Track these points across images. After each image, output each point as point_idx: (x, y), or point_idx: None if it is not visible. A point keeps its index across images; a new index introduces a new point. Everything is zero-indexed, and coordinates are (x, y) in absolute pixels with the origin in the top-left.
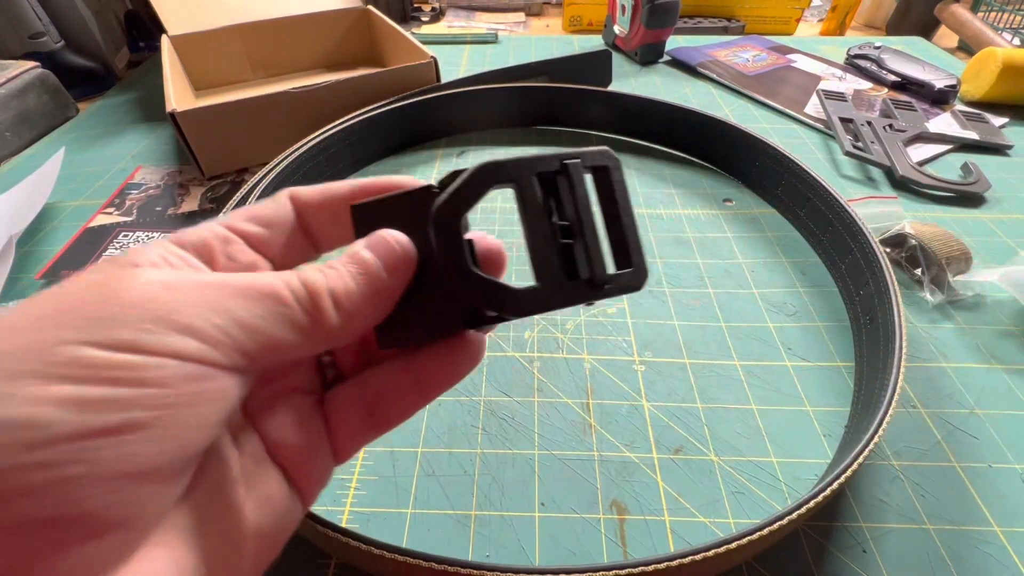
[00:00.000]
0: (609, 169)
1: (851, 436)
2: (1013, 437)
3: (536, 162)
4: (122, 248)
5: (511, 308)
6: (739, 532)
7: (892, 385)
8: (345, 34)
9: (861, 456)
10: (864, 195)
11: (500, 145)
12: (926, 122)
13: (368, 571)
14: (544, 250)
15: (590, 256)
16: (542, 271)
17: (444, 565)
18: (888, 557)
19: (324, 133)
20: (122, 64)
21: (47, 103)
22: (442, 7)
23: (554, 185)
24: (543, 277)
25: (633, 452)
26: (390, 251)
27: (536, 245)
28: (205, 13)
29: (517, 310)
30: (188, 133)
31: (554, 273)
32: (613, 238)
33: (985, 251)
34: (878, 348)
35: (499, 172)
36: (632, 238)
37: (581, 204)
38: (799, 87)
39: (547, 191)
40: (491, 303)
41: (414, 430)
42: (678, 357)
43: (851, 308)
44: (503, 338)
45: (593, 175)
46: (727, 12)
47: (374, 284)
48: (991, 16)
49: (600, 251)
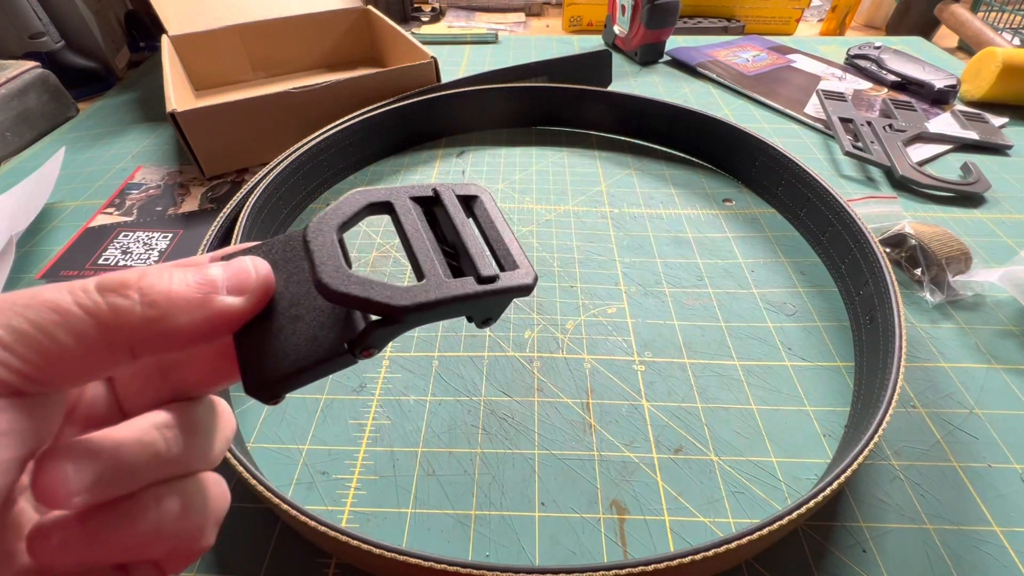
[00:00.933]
0: (479, 198)
1: (851, 436)
2: (1013, 437)
3: (409, 188)
4: (122, 248)
5: (396, 303)
6: (739, 532)
7: (892, 385)
8: (345, 34)
9: (861, 456)
10: (864, 195)
11: (500, 145)
12: (926, 122)
13: (368, 571)
14: (426, 257)
15: (475, 261)
16: (427, 271)
17: (444, 565)
18: (888, 557)
19: (324, 133)
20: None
21: (47, 103)
22: (442, 7)
23: (433, 217)
24: (428, 274)
25: (633, 452)
26: (241, 270)
27: (418, 254)
28: (205, 13)
29: (403, 306)
30: (188, 133)
31: (439, 271)
32: (497, 251)
33: (985, 251)
34: (878, 348)
35: (373, 194)
36: (514, 246)
37: (460, 224)
38: (799, 87)
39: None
40: (374, 300)
41: (414, 430)
42: (678, 357)
43: (851, 308)
44: (503, 338)
45: (466, 205)
46: (727, 12)
47: (209, 296)
48: (991, 16)
49: (486, 256)
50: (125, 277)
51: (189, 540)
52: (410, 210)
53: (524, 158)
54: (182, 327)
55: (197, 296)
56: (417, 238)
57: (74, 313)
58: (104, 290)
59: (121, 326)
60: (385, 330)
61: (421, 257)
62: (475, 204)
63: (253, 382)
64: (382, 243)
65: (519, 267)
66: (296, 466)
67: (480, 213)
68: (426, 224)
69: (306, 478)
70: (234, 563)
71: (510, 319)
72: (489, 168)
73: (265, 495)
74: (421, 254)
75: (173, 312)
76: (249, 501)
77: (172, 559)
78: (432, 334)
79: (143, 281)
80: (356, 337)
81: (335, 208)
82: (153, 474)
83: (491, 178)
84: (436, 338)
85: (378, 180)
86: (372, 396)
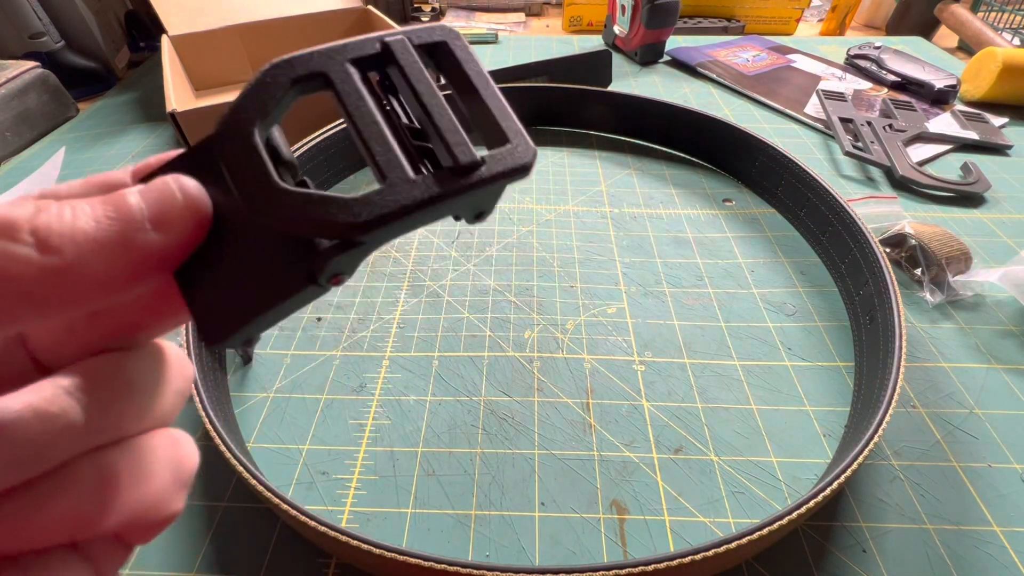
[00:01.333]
0: (447, 44)
1: (851, 436)
2: (1013, 437)
3: (347, 48)
4: None
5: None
6: (739, 532)
7: (892, 385)
8: (345, 34)
9: (861, 456)
10: (864, 195)
11: None
12: (926, 122)
13: (368, 571)
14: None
15: (449, 144)
16: (388, 170)
17: (444, 565)
18: (888, 557)
19: (324, 133)
20: (122, 64)
21: (47, 103)
22: (442, 7)
23: (389, 81)
24: (390, 174)
25: (633, 452)
26: (166, 195)
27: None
28: (205, 13)
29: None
30: (189, 133)
31: (403, 167)
32: (478, 122)
33: (985, 251)
34: (878, 348)
35: (297, 64)
36: (500, 112)
37: (423, 90)
38: (799, 87)
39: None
40: (321, 221)
41: (414, 430)
42: (678, 357)
43: (851, 308)
44: (503, 338)
45: (431, 56)
46: (727, 12)
47: (128, 234)
48: (991, 16)
49: (462, 135)
50: (14, 215)
51: (149, 509)
52: (353, 80)
53: None
54: (96, 277)
55: (112, 236)
56: (368, 121)
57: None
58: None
59: (13, 280)
60: (348, 253)
61: (376, 148)
62: (441, 54)
63: (212, 332)
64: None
65: (510, 140)
66: (296, 466)
67: (450, 67)
68: (379, 97)
69: (306, 478)
70: (234, 563)
71: (510, 319)
72: None
73: (265, 495)
74: (376, 143)
75: (82, 258)
76: (249, 501)
77: (133, 531)
78: (432, 334)
79: (38, 219)
80: (315, 266)
81: (249, 94)
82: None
83: None
84: (436, 338)
85: None
86: (372, 396)
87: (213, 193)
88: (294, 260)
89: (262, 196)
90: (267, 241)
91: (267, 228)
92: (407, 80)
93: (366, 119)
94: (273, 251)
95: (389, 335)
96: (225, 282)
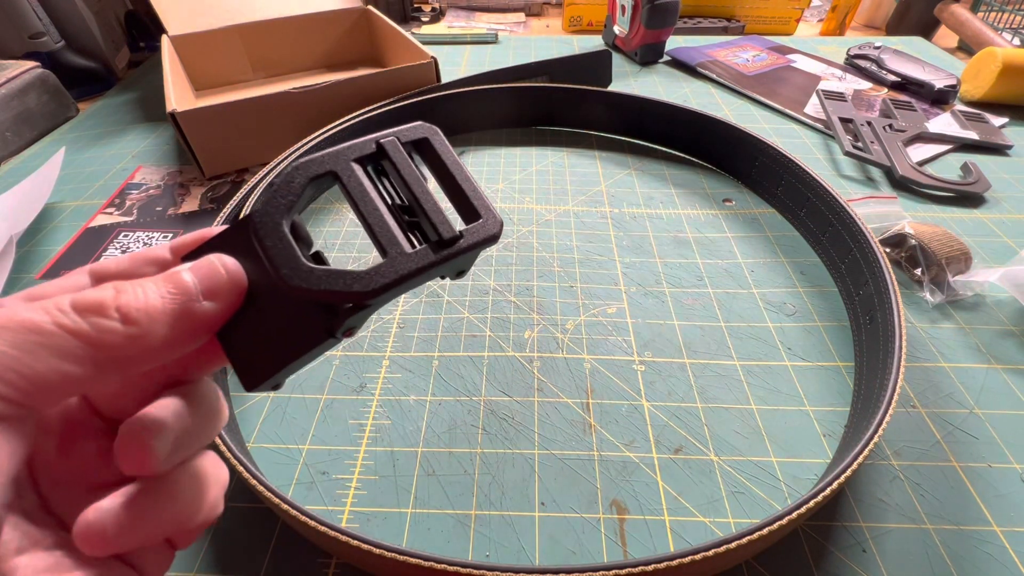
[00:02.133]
0: (429, 140)
1: (851, 436)
2: (1013, 437)
3: (350, 149)
4: (122, 248)
5: (360, 289)
6: (739, 532)
7: (892, 385)
8: (345, 34)
9: (861, 456)
10: (864, 195)
11: (500, 145)
12: (926, 122)
13: (368, 571)
14: (383, 228)
15: (434, 223)
16: (388, 246)
17: (444, 565)
18: (888, 557)
19: (325, 133)
20: (122, 64)
21: (47, 103)
22: (442, 7)
23: (382, 169)
24: (390, 250)
25: (633, 452)
26: (213, 273)
27: (374, 227)
28: (205, 13)
29: (368, 291)
30: (188, 133)
31: (400, 244)
32: (456, 201)
33: (985, 251)
34: (878, 348)
35: (312, 166)
36: (472, 193)
37: (411, 180)
38: (799, 87)
39: (377, 175)
40: (339, 291)
41: (414, 430)
42: (678, 357)
43: (851, 308)
44: (503, 338)
45: (416, 149)
46: (727, 12)
47: (187, 306)
48: (991, 16)
49: (443, 215)
50: (101, 298)
51: (210, 513)
52: (357, 175)
53: (524, 158)
54: (164, 340)
55: (174, 307)
56: (370, 207)
57: (55, 334)
58: (82, 311)
59: (104, 346)
60: (358, 313)
61: (378, 229)
62: (425, 148)
63: (249, 379)
64: None
65: (481, 216)
66: (296, 466)
67: (432, 158)
68: (377, 186)
69: (306, 478)
70: (234, 563)
71: (510, 319)
72: (489, 168)
73: (265, 495)
74: (377, 226)
75: (154, 328)
76: (249, 501)
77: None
78: (432, 334)
79: (120, 300)
80: (334, 323)
81: (276, 191)
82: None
83: (491, 178)
84: (436, 338)
85: None
86: (372, 396)
87: (246, 267)
88: (315, 319)
89: (294, 275)
90: (292, 304)
91: (293, 295)
92: (398, 172)
93: (369, 207)
94: (297, 312)
95: (389, 335)
96: (258, 337)
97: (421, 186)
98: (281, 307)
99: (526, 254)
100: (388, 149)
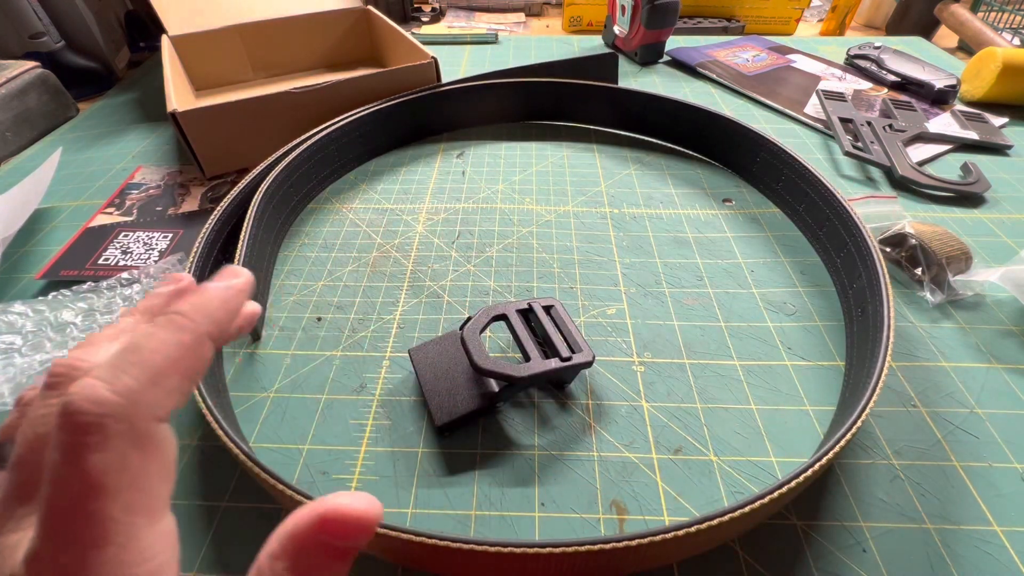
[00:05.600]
0: (554, 306)
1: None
2: (1013, 436)
3: (512, 305)
4: (122, 248)
5: (515, 376)
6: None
7: (879, 368)
8: (345, 34)
9: (849, 434)
10: (864, 195)
11: (500, 140)
12: (926, 122)
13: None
14: (529, 346)
15: (557, 349)
16: (530, 355)
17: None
18: (888, 557)
19: (332, 125)
20: (122, 64)
21: (47, 103)
22: (442, 7)
23: (528, 318)
24: (531, 357)
25: (633, 452)
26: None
27: (523, 345)
28: (205, 13)
29: (520, 377)
30: (189, 133)
31: (536, 356)
32: (568, 340)
33: (985, 251)
34: (867, 337)
35: (494, 311)
36: (577, 336)
37: (546, 325)
38: (799, 87)
39: (526, 319)
40: (502, 376)
41: (414, 430)
42: (677, 357)
43: (845, 301)
44: (503, 338)
45: (546, 310)
46: (727, 12)
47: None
48: (991, 16)
49: (562, 345)
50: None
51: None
52: (516, 318)
53: (524, 158)
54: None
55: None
56: (523, 335)
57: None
58: None
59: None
60: (511, 389)
61: (526, 347)
62: (552, 309)
63: (442, 421)
64: (383, 243)
65: (583, 350)
66: (296, 466)
67: (555, 315)
68: (527, 324)
69: (306, 478)
70: (234, 563)
71: None
72: (489, 168)
73: (270, 482)
74: (526, 344)
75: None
76: (250, 501)
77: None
78: (432, 334)
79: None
80: (497, 395)
81: (475, 321)
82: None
83: (491, 179)
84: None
85: (379, 177)
86: (372, 396)
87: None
88: (484, 391)
89: (479, 365)
90: (470, 380)
91: (469, 373)
92: (538, 318)
93: (522, 335)
94: (472, 385)
95: (389, 335)
96: (448, 397)
97: (551, 327)
98: (466, 380)
99: (526, 255)
100: (533, 307)
